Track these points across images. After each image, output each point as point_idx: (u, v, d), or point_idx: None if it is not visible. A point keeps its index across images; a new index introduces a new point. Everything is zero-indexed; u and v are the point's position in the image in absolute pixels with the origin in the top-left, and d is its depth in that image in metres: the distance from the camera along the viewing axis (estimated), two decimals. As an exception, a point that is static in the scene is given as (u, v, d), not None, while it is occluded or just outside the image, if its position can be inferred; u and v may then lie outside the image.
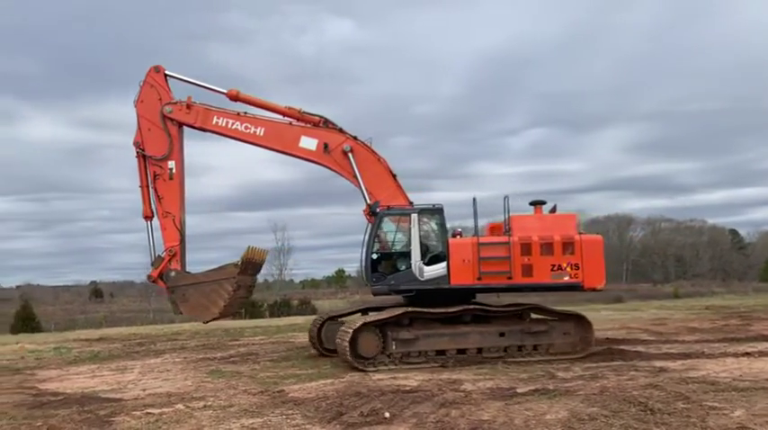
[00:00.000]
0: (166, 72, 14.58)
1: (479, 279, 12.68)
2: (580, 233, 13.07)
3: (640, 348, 14.06)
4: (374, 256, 13.21)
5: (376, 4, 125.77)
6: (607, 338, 16.00)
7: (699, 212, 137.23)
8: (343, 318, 14.79)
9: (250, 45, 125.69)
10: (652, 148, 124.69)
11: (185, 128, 14.58)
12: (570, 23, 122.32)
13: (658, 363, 11.92)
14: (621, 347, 14.15)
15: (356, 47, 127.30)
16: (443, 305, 12.80)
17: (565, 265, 12.71)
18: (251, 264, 14.09)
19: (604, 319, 22.20)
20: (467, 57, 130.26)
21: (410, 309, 12.78)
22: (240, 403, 9.54)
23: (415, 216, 13.00)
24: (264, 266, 15.46)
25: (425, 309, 12.77)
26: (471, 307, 12.91)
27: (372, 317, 12.83)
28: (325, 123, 14.17)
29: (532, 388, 9.83)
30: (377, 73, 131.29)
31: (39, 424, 8.68)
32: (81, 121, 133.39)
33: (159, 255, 14.42)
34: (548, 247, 12.76)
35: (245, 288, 14.29)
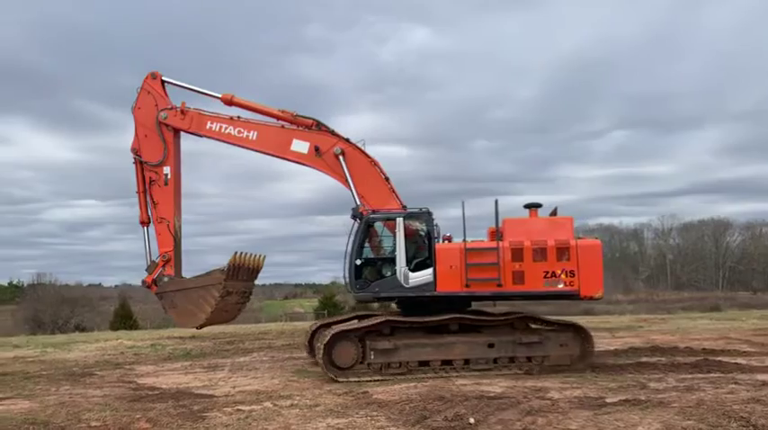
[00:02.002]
0: (163, 78, 14.75)
1: (467, 286, 11.99)
2: (578, 238, 12.18)
3: (740, 360, 13.27)
4: (357, 262, 12.60)
5: (452, 11, 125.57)
6: (703, 349, 15.23)
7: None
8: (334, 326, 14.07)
9: (331, 55, 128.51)
10: (746, 150, 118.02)
11: (184, 134, 14.71)
12: (649, 23, 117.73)
13: (761, 377, 11.21)
14: (719, 359, 13.40)
15: (434, 53, 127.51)
16: (430, 314, 12.29)
17: (559, 272, 11.88)
18: (241, 270, 13.96)
19: (701, 329, 21.12)
20: (544, 60, 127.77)
21: (389, 317, 12.38)
22: (326, 403, 9.71)
23: (400, 220, 12.44)
24: None
25: (406, 318, 12.38)
26: (456, 316, 12.27)
27: (346, 326, 12.46)
28: (318, 126, 13.89)
29: (622, 398, 9.46)
30: (454, 78, 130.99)
31: (138, 416, 9.15)
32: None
33: (154, 261, 14.62)
34: (541, 253, 11.96)
35: (237, 294, 14.18)
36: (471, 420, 8.23)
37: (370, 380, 11.72)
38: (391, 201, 13.25)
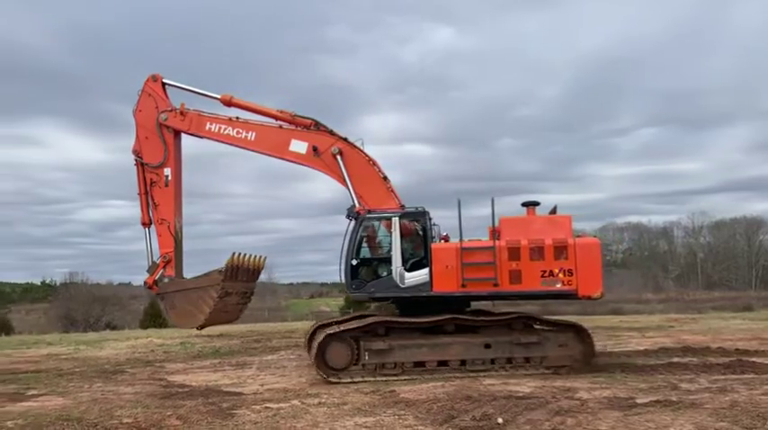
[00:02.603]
0: (164, 80, 14.90)
1: (463, 286, 11.83)
2: (577, 236, 11.94)
3: (775, 361, 13.00)
4: (354, 262, 12.55)
5: (475, 10, 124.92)
6: (736, 349, 14.94)
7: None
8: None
9: (355, 56, 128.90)
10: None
11: (185, 136, 14.86)
12: (676, 20, 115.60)
13: (797, 378, 10.98)
14: (753, 360, 13.13)
15: (457, 53, 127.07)
16: (431, 314, 12.14)
17: (557, 271, 11.65)
18: (240, 271, 14.04)
19: (733, 329, 20.72)
20: (569, 58, 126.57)
21: (383, 318, 12.26)
22: (353, 401, 9.74)
23: (396, 220, 12.33)
24: None
25: (400, 319, 12.28)
26: (450, 316, 12.11)
27: (341, 327, 12.38)
28: (317, 126, 13.85)
29: (653, 399, 9.32)
30: (477, 77, 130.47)
31: (169, 413, 9.28)
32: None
33: (155, 262, 14.75)
34: (538, 252, 11.74)
35: (238, 294, 14.27)
36: (499, 420, 8.20)
37: (362, 381, 11.64)
38: (389, 201, 13.15)
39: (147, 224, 15.04)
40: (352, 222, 12.66)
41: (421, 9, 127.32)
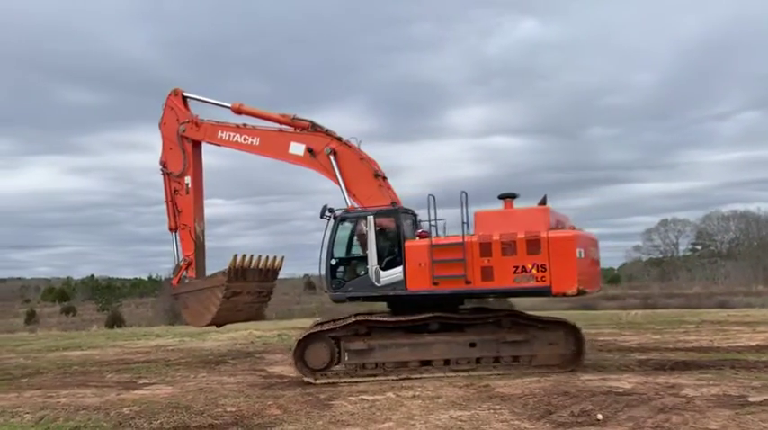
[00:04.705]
0: (184, 94, 15.52)
1: (435, 284, 11.35)
2: (552, 229, 11.03)
3: None
4: (332, 262, 12.42)
5: (557, 1, 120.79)
6: None
7: None
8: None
9: (438, 52, 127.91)
10: None
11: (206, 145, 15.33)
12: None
13: None
14: None
15: (541, 43, 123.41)
16: (421, 312, 11.68)
17: (530, 267, 10.88)
18: (247, 272, 14.17)
19: None
20: (661, 44, 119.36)
21: (361, 318, 11.81)
22: (447, 395, 9.73)
23: (371, 218, 12.08)
24: None
25: (381, 318, 11.88)
26: (431, 315, 11.61)
27: (322, 327, 12.05)
28: (313, 127, 13.84)
29: (767, 397, 8.78)
30: (564, 67, 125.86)
31: (269, 403, 9.65)
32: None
33: (178, 264, 15.28)
34: (510, 247, 11.00)
35: (251, 294, 14.46)
36: (599, 416, 7.96)
37: (342, 382, 11.40)
38: (381, 199, 12.91)
39: (173, 229, 15.68)
40: (330, 222, 12.59)
41: (503, 2, 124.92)
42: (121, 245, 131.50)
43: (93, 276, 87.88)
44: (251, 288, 14.61)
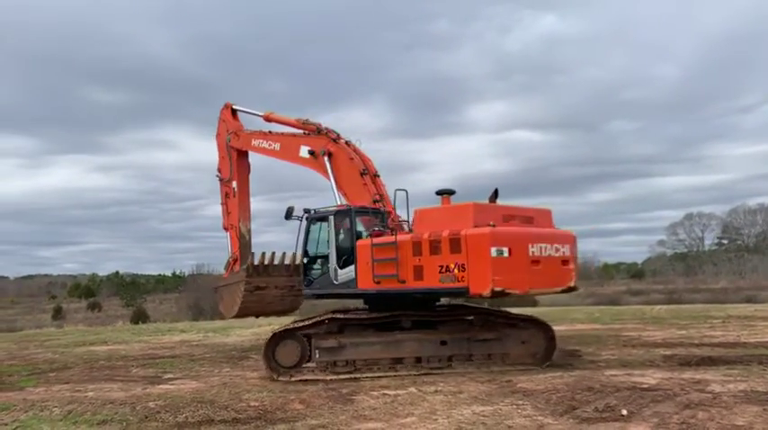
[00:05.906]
0: (233, 107, 17.00)
1: (377, 283, 11.29)
2: (476, 227, 10.41)
3: None
4: (304, 261, 12.77)
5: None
6: None
7: None
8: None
9: (458, 48, 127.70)
10: None
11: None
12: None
13: None
14: None
15: (560, 38, 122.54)
16: (401, 309, 11.67)
17: (453, 266, 10.44)
18: (270, 268, 14.94)
19: None
20: (682, 37, 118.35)
21: (331, 315, 11.76)
22: (469, 390, 9.71)
23: (331, 218, 12.34)
24: None
25: (351, 315, 11.85)
26: (400, 312, 11.62)
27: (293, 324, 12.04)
28: (318, 130, 14.39)
29: (797, 393, 8.62)
30: (583, 61, 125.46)
31: (292, 397, 9.71)
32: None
33: (228, 260, 16.56)
34: (436, 246, 10.66)
35: (278, 288, 15.17)
36: (624, 412, 7.89)
37: (314, 379, 11.30)
38: (361, 197, 13.08)
39: (226, 229, 16.99)
40: (304, 222, 12.84)
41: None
42: (146, 241, 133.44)
43: (117, 273, 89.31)
44: (279, 282, 15.28)
